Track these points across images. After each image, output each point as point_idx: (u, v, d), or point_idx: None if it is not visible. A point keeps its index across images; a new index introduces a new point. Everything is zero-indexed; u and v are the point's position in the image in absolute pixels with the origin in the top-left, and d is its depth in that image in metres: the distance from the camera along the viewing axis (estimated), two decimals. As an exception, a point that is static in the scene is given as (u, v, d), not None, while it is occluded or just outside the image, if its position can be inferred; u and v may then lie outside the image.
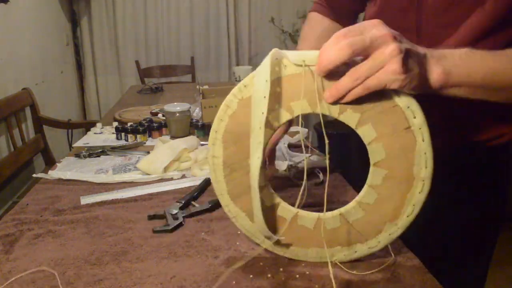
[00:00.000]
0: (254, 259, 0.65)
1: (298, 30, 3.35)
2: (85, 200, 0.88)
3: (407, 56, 0.48)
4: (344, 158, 0.96)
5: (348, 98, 0.52)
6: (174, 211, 0.80)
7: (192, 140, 1.16)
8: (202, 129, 1.33)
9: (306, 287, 0.59)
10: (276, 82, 0.55)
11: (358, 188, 0.88)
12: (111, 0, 3.29)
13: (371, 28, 0.48)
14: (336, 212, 0.60)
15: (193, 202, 0.85)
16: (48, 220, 0.80)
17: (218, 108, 0.62)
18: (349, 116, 0.55)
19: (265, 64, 0.53)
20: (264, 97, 0.53)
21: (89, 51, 3.38)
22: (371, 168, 0.57)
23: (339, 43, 0.47)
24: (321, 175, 0.97)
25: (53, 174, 1.01)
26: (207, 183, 0.93)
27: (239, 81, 1.95)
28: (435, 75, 0.52)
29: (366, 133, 0.55)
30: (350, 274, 0.60)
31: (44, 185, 0.97)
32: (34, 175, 1.06)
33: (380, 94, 0.52)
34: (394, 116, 0.53)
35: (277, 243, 0.63)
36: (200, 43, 3.44)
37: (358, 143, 0.96)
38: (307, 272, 0.62)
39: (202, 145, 1.22)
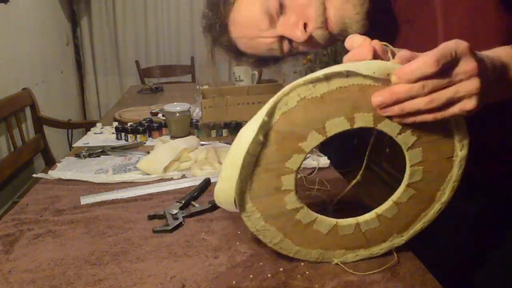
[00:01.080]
0: (254, 259, 0.65)
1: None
2: (85, 200, 0.88)
3: (485, 90, 0.46)
4: (344, 158, 0.96)
5: (415, 119, 0.48)
6: (174, 211, 0.80)
7: (192, 140, 1.16)
8: (202, 129, 1.33)
9: (306, 287, 0.59)
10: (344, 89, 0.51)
11: (356, 188, 0.88)
12: (111, 0, 3.29)
13: (462, 60, 0.45)
14: (352, 220, 0.61)
15: (193, 202, 0.85)
16: (48, 220, 0.80)
17: (218, 108, 0.61)
18: (407, 138, 0.54)
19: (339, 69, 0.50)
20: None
21: (89, 51, 3.38)
22: (402, 187, 0.58)
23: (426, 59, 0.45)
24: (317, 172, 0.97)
25: (53, 174, 1.01)
26: (207, 183, 0.93)
27: (239, 81, 1.95)
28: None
29: (413, 157, 0.55)
30: (350, 274, 0.60)
31: (44, 185, 0.97)
32: (34, 175, 1.06)
33: (443, 122, 0.52)
34: (444, 145, 0.54)
35: (284, 244, 0.62)
36: (200, 43, 3.43)
37: (357, 143, 0.95)
38: (307, 272, 0.62)
39: (202, 145, 1.22)
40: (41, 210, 0.84)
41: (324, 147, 0.75)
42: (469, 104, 0.46)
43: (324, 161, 1.05)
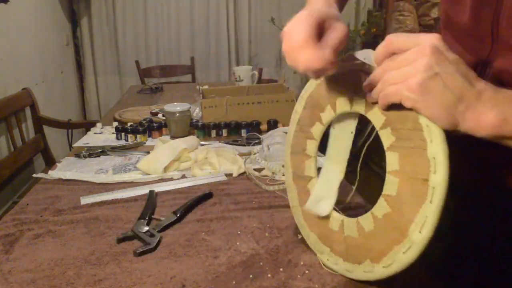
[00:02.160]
0: (254, 259, 0.65)
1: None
2: (85, 200, 0.88)
3: (434, 78, 0.43)
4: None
5: (380, 103, 0.50)
6: (145, 229, 0.74)
7: (192, 140, 1.16)
8: (202, 129, 1.33)
9: (306, 287, 0.59)
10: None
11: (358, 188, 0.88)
12: (111, 0, 3.29)
13: (420, 44, 0.45)
14: (340, 216, 0.61)
15: (153, 216, 0.80)
16: (48, 220, 0.80)
17: (218, 108, 0.63)
18: (386, 135, 0.53)
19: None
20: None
21: (89, 51, 3.38)
22: (380, 198, 0.54)
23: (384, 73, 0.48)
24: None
25: (53, 174, 1.01)
26: (151, 196, 0.88)
27: (240, 81, 1.95)
28: (485, 121, 0.44)
29: (391, 160, 0.52)
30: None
31: (44, 185, 0.97)
32: (34, 175, 1.06)
33: (418, 128, 0.48)
34: (420, 160, 0.48)
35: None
36: (200, 43, 3.44)
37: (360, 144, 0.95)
38: (307, 272, 0.62)
39: (202, 145, 1.22)
40: (41, 210, 0.84)
41: (324, 147, 0.75)
42: (410, 81, 0.44)
43: (323, 160, 1.05)
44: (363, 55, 0.53)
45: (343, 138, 0.63)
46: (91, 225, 0.78)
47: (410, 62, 0.45)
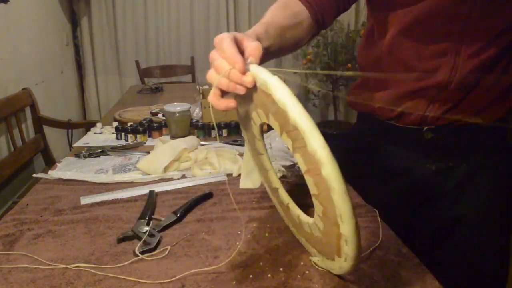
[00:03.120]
0: (254, 259, 0.65)
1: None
2: (85, 200, 0.88)
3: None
4: (343, 158, 0.96)
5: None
6: (145, 229, 0.74)
7: (192, 140, 1.16)
8: (202, 129, 1.33)
9: (306, 287, 0.59)
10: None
11: (356, 188, 0.88)
12: (111, 0, 3.29)
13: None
14: (309, 219, 0.61)
15: (153, 216, 0.80)
16: (48, 220, 0.80)
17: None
18: (289, 143, 0.53)
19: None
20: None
21: (89, 51, 3.38)
22: (312, 198, 0.54)
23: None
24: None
25: (53, 174, 1.01)
26: (151, 196, 0.89)
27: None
28: None
29: (308, 183, 0.53)
30: (350, 275, 0.60)
31: (44, 185, 0.97)
32: (34, 175, 1.06)
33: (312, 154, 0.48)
34: (308, 157, 0.48)
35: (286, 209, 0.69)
36: (200, 43, 3.44)
37: (356, 144, 0.96)
38: (307, 272, 0.62)
39: (202, 145, 1.22)
40: (41, 210, 0.84)
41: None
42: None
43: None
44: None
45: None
46: (91, 225, 0.78)
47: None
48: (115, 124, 1.44)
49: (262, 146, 0.66)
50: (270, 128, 1.34)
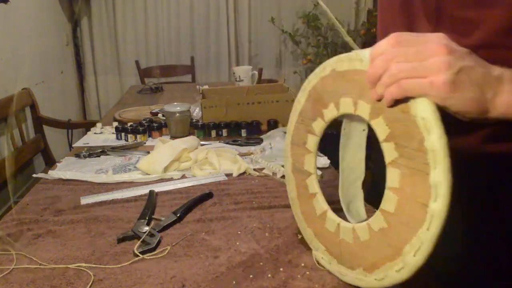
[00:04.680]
0: (254, 259, 0.65)
1: (298, 30, 3.35)
2: (85, 200, 0.88)
3: (459, 75, 0.44)
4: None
5: (386, 97, 0.47)
6: (145, 229, 0.73)
7: (192, 140, 1.16)
8: (202, 129, 1.33)
9: (306, 287, 0.59)
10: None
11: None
12: (111, 0, 3.29)
13: (430, 42, 0.45)
14: (336, 218, 0.60)
15: (153, 216, 0.80)
16: (48, 220, 0.80)
17: (218, 108, 0.63)
18: (389, 149, 0.50)
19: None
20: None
21: (89, 51, 3.38)
22: (377, 212, 0.52)
23: (389, 52, 0.46)
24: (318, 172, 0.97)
25: (53, 174, 1.01)
26: (151, 196, 0.88)
27: (240, 81, 1.95)
28: (503, 102, 0.46)
29: (391, 176, 0.50)
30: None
31: (44, 185, 0.97)
32: (34, 175, 1.06)
33: (423, 151, 0.46)
34: (420, 183, 0.46)
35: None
36: (200, 43, 3.44)
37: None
38: (307, 272, 0.62)
39: (202, 145, 1.22)
40: (41, 210, 0.84)
41: (324, 147, 0.75)
42: (437, 79, 0.43)
43: (324, 161, 1.05)
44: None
45: (355, 137, 0.64)
46: (91, 225, 0.78)
47: (424, 58, 0.44)
48: (115, 124, 1.44)
49: (321, 129, 0.62)
50: (270, 128, 1.34)
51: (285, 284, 0.59)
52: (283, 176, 0.98)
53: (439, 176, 0.44)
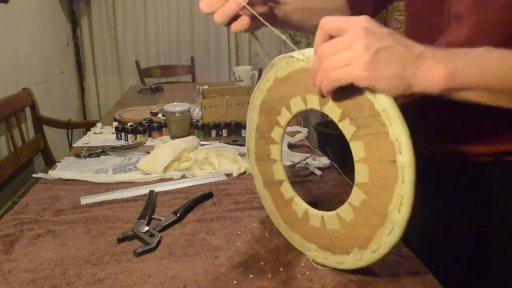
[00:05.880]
0: (254, 259, 0.65)
1: (298, 30, 3.35)
2: (85, 200, 0.88)
3: (378, 54, 0.47)
4: (345, 157, 0.96)
5: (323, 91, 0.51)
6: (145, 229, 0.74)
7: (192, 140, 1.16)
8: (202, 129, 1.33)
9: (306, 287, 0.59)
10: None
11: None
12: (111, 0, 3.29)
13: (352, 27, 0.48)
14: (318, 213, 0.61)
15: (153, 216, 0.80)
16: (48, 220, 0.80)
17: (218, 108, 0.64)
18: (346, 126, 0.53)
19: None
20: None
21: (89, 51, 3.39)
22: (354, 188, 0.54)
23: (320, 49, 0.49)
24: (318, 172, 0.97)
25: (53, 174, 1.01)
26: (151, 196, 0.88)
27: (240, 81, 1.95)
28: (437, 75, 0.48)
29: (355, 149, 0.53)
30: (350, 274, 0.60)
31: (44, 185, 0.97)
32: (34, 175, 1.06)
33: (375, 114, 0.49)
34: (383, 143, 0.49)
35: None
36: (200, 43, 3.44)
37: None
38: (307, 272, 0.62)
39: (202, 145, 1.22)
40: (41, 210, 0.84)
41: (324, 148, 0.75)
42: (357, 62, 0.46)
43: (324, 161, 1.05)
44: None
45: None
46: (91, 225, 0.78)
47: (347, 46, 0.47)
48: (115, 124, 1.44)
49: (280, 135, 0.65)
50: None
51: (285, 284, 0.59)
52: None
53: (397, 129, 0.47)
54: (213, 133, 1.33)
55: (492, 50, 0.50)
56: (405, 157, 0.47)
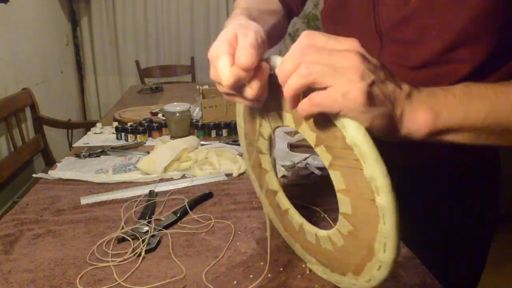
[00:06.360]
0: (254, 259, 0.65)
1: (298, 30, 3.35)
2: (85, 200, 0.88)
3: (373, 88, 0.39)
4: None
5: (300, 113, 0.42)
6: (145, 229, 0.73)
7: (192, 140, 1.16)
8: (202, 129, 1.33)
9: (306, 287, 0.59)
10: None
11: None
12: (111, 0, 3.29)
13: (344, 46, 0.40)
14: (313, 229, 0.58)
15: (153, 216, 0.79)
16: (48, 220, 0.80)
17: (218, 108, 0.63)
18: (322, 153, 0.47)
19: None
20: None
21: (89, 51, 3.39)
22: (339, 216, 0.49)
23: (300, 65, 0.40)
24: (318, 172, 0.97)
25: (53, 174, 1.01)
26: (151, 196, 0.89)
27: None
28: (421, 119, 0.42)
29: (335, 179, 0.47)
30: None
31: (44, 185, 0.97)
32: (34, 175, 1.06)
33: (347, 147, 0.43)
34: (360, 180, 0.43)
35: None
36: (200, 43, 3.44)
37: None
38: (307, 272, 0.62)
39: (202, 145, 1.22)
40: (41, 210, 0.84)
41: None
42: (352, 90, 0.38)
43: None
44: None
45: None
46: (91, 225, 0.78)
47: (336, 62, 0.39)
48: (115, 124, 1.44)
49: (266, 146, 0.60)
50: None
51: (285, 284, 0.59)
52: (283, 176, 0.98)
53: (372, 170, 0.40)
54: (213, 133, 1.33)
55: (471, 86, 0.45)
56: (383, 200, 0.41)
